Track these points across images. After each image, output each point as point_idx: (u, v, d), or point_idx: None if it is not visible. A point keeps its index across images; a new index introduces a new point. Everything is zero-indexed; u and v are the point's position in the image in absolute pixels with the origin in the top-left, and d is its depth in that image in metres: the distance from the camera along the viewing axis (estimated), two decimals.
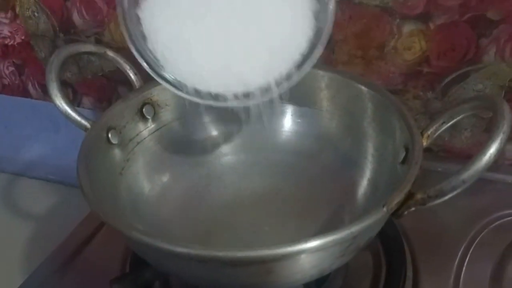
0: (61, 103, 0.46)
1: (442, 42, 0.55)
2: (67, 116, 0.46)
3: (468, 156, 0.62)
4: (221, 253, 0.32)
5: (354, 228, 0.33)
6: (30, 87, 0.83)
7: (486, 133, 0.60)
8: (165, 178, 0.52)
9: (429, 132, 0.41)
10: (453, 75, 0.57)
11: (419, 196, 0.35)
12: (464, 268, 0.49)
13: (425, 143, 0.41)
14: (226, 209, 0.46)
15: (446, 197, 0.34)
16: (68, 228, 0.59)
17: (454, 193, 0.34)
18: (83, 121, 0.46)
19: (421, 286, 0.47)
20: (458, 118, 0.41)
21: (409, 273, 0.48)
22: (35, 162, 0.88)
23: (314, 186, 0.50)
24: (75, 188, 0.84)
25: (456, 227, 0.53)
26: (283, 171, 0.54)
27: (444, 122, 0.41)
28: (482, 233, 0.52)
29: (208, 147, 0.55)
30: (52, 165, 0.87)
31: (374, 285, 0.48)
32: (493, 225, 0.53)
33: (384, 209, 0.34)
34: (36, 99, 0.83)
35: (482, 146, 0.34)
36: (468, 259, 0.50)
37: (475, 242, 0.51)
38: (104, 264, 0.52)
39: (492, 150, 0.33)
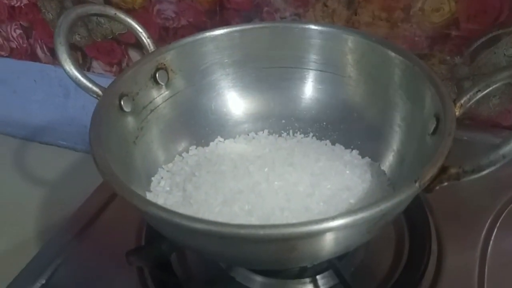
0: (70, 69, 0.43)
1: (473, 3, 0.52)
2: (77, 83, 0.43)
3: (495, 125, 0.60)
4: (242, 231, 0.30)
5: (384, 205, 0.31)
6: (38, 50, 0.80)
7: None
8: (179, 147, 0.50)
9: (462, 101, 0.39)
10: (483, 39, 0.54)
11: (453, 170, 0.33)
12: (491, 241, 0.47)
13: (457, 112, 0.38)
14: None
15: (483, 173, 0.32)
16: (81, 194, 0.58)
17: (492, 168, 0.32)
18: (94, 88, 0.43)
19: (446, 259, 0.45)
20: (494, 86, 0.38)
21: (434, 247, 0.46)
22: (45, 127, 0.87)
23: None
24: (86, 154, 0.84)
25: (483, 198, 0.51)
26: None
27: (479, 91, 0.38)
28: (511, 205, 0.50)
29: (224, 114, 0.52)
30: (62, 131, 0.86)
31: (396, 259, 0.47)
32: None
33: (417, 184, 0.32)
34: (45, 63, 0.81)
35: None
36: (496, 232, 0.48)
37: (503, 214, 0.49)
38: (121, 231, 0.51)
39: None
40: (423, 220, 0.48)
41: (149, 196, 0.44)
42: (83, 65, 0.77)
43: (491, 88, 0.38)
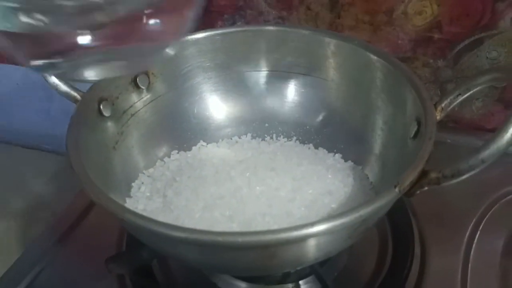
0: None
1: (456, 6, 0.52)
2: (55, 87, 0.43)
3: (478, 128, 0.60)
4: (220, 238, 0.30)
5: (364, 211, 0.30)
6: None
7: (499, 103, 0.57)
8: (160, 152, 0.49)
9: (443, 105, 0.39)
10: (466, 42, 0.54)
11: (433, 175, 0.33)
12: (474, 244, 0.47)
13: (438, 116, 0.38)
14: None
15: (463, 177, 0.32)
16: (64, 198, 0.57)
17: (472, 173, 0.32)
18: (73, 92, 0.43)
19: (429, 262, 0.46)
20: (475, 90, 0.38)
21: (417, 250, 0.46)
22: (29, 131, 0.86)
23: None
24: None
25: (466, 201, 0.51)
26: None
27: (459, 94, 0.38)
28: (493, 208, 0.50)
29: (207, 118, 0.52)
30: (46, 135, 0.85)
31: (380, 262, 0.46)
32: (505, 199, 0.51)
33: (396, 190, 0.32)
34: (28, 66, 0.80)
35: (504, 122, 0.31)
36: (479, 235, 0.48)
37: (486, 217, 0.50)
38: (103, 236, 0.51)
39: None
40: (406, 223, 0.48)
41: (129, 202, 0.43)
42: None
43: (472, 92, 0.38)
